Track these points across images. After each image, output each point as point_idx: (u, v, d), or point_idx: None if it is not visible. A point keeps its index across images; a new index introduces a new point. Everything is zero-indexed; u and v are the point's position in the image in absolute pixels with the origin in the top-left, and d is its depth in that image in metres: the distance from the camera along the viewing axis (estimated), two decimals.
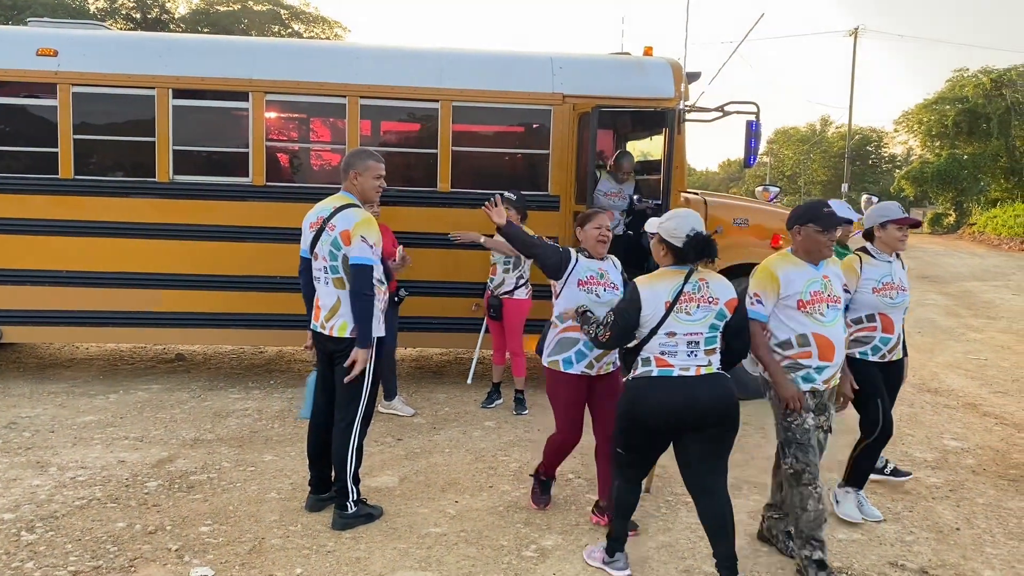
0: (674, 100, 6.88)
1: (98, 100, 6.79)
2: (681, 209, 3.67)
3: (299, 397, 6.68)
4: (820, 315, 3.64)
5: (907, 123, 43.69)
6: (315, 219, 4.19)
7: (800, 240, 3.71)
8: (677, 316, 3.44)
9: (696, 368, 3.45)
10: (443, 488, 4.80)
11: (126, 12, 36.75)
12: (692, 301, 3.45)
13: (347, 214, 4.10)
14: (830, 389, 3.77)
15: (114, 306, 6.86)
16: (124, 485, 4.69)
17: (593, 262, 4.17)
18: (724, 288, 3.53)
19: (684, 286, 3.46)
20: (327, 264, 4.12)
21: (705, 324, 3.46)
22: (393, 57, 7.13)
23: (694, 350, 3.45)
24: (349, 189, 4.23)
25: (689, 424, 3.44)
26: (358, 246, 4.05)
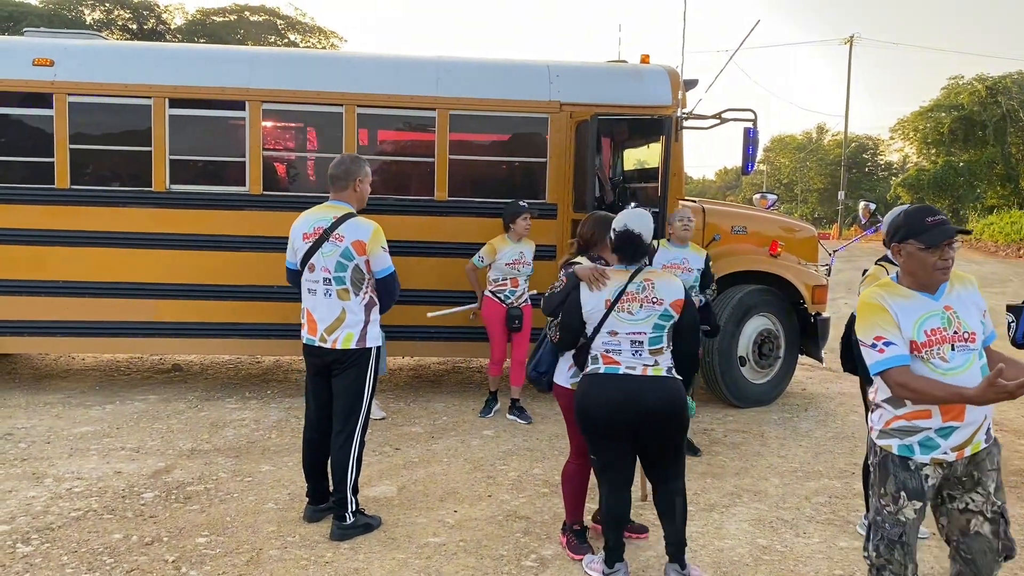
0: (671, 107, 6.87)
1: (94, 110, 6.77)
2: (630, 209, 3.65)
3: (296, 407, 6.65)
4: (941, 359, 2.73)
5: (903, 130, 43.84)
6: (310, 230, 4.11)
7: (903, 262, 2.83)
8: (619, 315, 3.49)
9: (643, 368, 3.47)
10: (442, 497, 4.77)
11: (122, 23, 36.81)
12: (635, 301, 3.48)
13: (357, 224, 4.06)
14: (964, 460, 2.80)
15: (110, 316, 6.83)
16: (120, 496, 4.65)
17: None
18: (671, 289, 3.53)
19: (628, 285, 3.51)
20: (331, 276, 4.06)
21: (648, 324, 3.47)
22: (390, 66, 7.13)
23: (638, 349, 3.47)
24: (347, 198, 4.17)
25: (634, 422, 3.47)
26: (380, 256, 4.07)
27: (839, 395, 7.68)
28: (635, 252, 3.56)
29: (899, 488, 2.79)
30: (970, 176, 38.21)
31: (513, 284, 6.31)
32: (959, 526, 2.86)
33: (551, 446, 5.82)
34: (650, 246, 3.60)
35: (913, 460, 2.78)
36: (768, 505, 4.79)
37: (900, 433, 2.80)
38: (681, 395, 3.51)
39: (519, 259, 6.28)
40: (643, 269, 3.57)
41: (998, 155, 36.67)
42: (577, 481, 4.09)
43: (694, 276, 5.63)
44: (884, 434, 2.85)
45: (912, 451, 2.79)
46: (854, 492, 5.05)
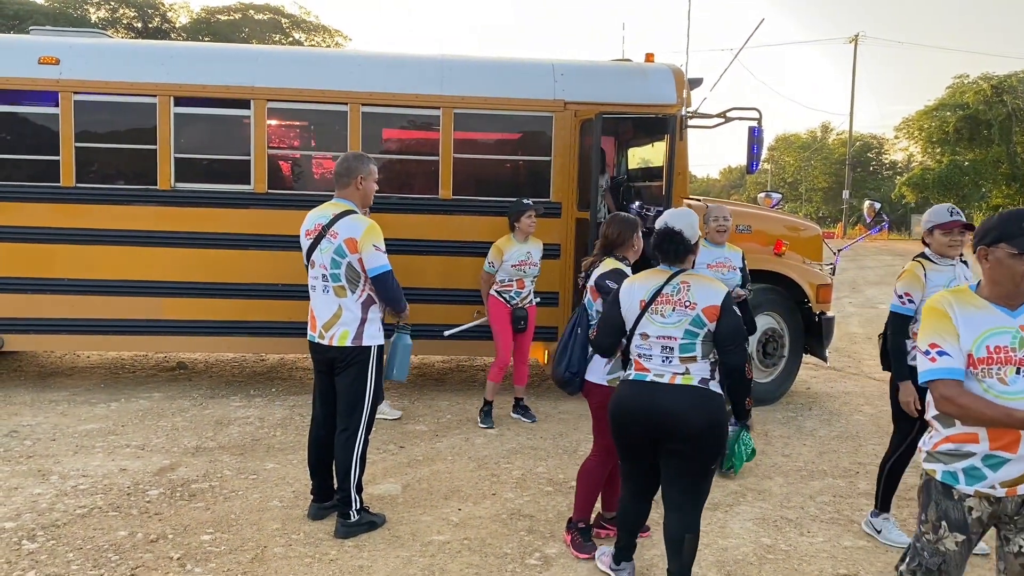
0: (676, 106, 6.87)
1: (100, 108, 6.79)
2: (676, 208, 3.59)
3: (300, 405, 6.66)
4: (1000, 381, 2.46)
5: (908, 129, 43.80)
6: (312, 227, 4.14)
7: (988, 269, 2.54)
8: (651, 317, 3.32)
9: (671, 376, 3.27)
10: (446, 496, 4.78)
11: (127, 21, 36.89)
12: (668, 303, 3.30)
13: (351, 222, 4.06)
14: (1018, 498, 2.53)
15: (116, 314, 6.84)
16: (126, 493, 4.67)
17: None
18: (707, 294, 3.28)
19: (664, 287, 3.33)
20: (327, 272, 4.08)
21: (680, 328, 3.26)
22: (394, 64, 7.13)
23: (668, 356, 3.27)
24: (350, 196, 4.18)
25: (652, 433, 3.29)
26: (372, 255, 4.02)
27: (843, 394, 7.67)
28: (676, 251, 3.38)
29: (940, 517, 2.57)
30: (975, 175, 38.16)
31: (519, 285, 6.26)
32: (1014, 573, 2.57)
33: (555, 445, 5.82)
34: (694, 246, 3.45)
35: (956, 489, 2.53)
36: (772, 504, 4.79)
37: (946, 457, 2.56)
38: (714, 411, 3.24)
39: (526, 260, 6.22)
40: (684, 271, 3.38)
41: (1003, 154, 36.61)
42: (593, 479, 4.03)
43: (738, 275, 5.56)
44: (931, 457, 2.62)
45: (956, 479, 2.53)
46: (858, 491, 5.05)
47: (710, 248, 5.53)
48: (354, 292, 4.09)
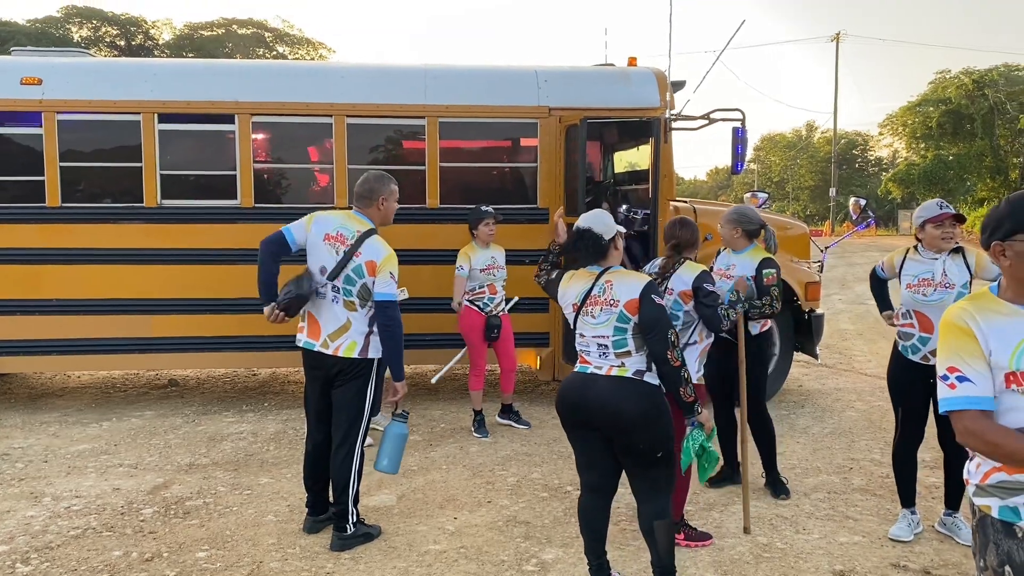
0: (660, 109, 6.90)
1: (84, 127, 6.78)
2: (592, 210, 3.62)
3: (293, 419, 6.64)
4: None
5: (892, 126, 44.10)
6: (335, 233, 4.11)
7: (1009, 267, 2.18)
8: (584, 319, 3.42)
9: (608, 368, 3.35)
10: (441, 505, 4.77)
11: (110, 40, 36.83)
12: (596, 304, 3.39)
13: (375, 245, 4.08)
14: None
15: (105, 333, 6.81)
16: (119, 513, 4.64)
17: None
18: (627, 289, 3.35)
19: (592, 288, 3.42)
20: (340, 285, 4.07)
21: (609, 327, 3.34)
22: (378, 75, 7.14)
23: (604, 352, 3.36)
24: (371, 214, 4.21)
25: (593, 422, 3.37)
26: (385, 281, 4.04)
27: (835, 391, 7.70)
28: (591, 251, 3.46)
29: (1002, 561, 2.16)
30: (960, 169, 38.43)
31: (491, 291, 6.22)
32: None
33: (550, 450, 5.82)
34: (608, 243, 3.47)
35: (1019, 526, 2.13)
36: (767, 502, 4.81)
37: (1001, 491, 2.15)
38: (646, 401, 3.30)
39: (492, 263, 6.20)
40: (608, 270, 3.46)
41: (987, 147, 36.89)
42: (682, 478, 4.08)
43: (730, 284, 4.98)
44: (981, 491, 2.20)
45: (1017, 515, 2.13)
46: (852, 487, 5.07)
47: (726, 255, 5.05)
48: (363, 307, 4.10)
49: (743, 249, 4.90)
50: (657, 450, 3.34)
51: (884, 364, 8.83)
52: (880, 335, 10.86)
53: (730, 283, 4.80)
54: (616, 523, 4.30)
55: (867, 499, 4.86)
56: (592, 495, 3.57)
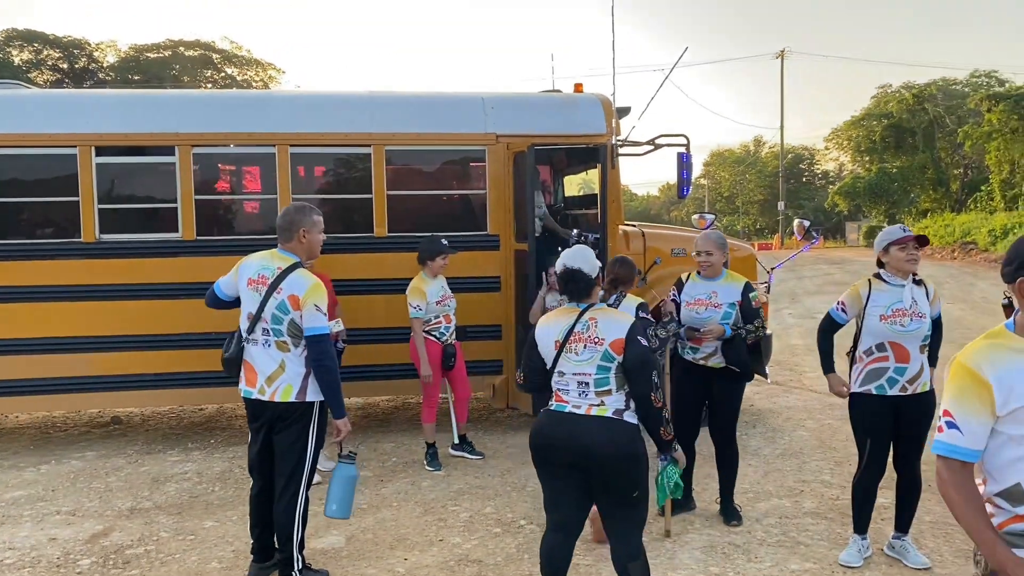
0: (606, 136, 6.92)
1: (17, 161, 6.58)
2: (572, 248, 3.60)
3: (240, 457, 6.47)
4: None
5: (837, 140, 45.15)
6: (256, 276, 4.00)
7: None
8: (567, 356, 3.37)
9: (587, 407, 3.31)
10: (391, 545, 4.67)
11: (52, 63, 36.07)
12: (580, 341, 3.35)
13: (297, 279, 3.94)
14: None
15: (44, 372, 6.58)
16: (55, 565, 4.46)
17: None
18: (613, 327, 3.33)
19: (575, 325, 3.39)
20: (268, 327, 3.95)
21: (592, 365, 3.31)
22: (322, 104, 7.07)
23: (584, 390, 3.33)
24: (294, 249, 4.05)
25: (570, 461, 3.33)
26: (312, 315, 3.91)
27: (786, 409, 7.76)
28: (579, 289, 3.45)
29: None
30: (903, 181, 39.41)
31: (447, 320, 6.12)
32: None
33: (503, 482, 5.76)
34: (594, 281, 3.47)
35: None
36: (720, 530, 4.80)
37: (1020, 539, 2.06)
38: (625, 441, 3.27)
39: (444, 293, 6.09)
40: (592, 307, 3.44)
41: (928, 160, 37.91)
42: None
43: (723, 312, 4.76)
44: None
45: None
46: (804, 511, 5.09)
47: (698, 282, 4.91)
48: (296, 347, 3.97)
49: (720, 275, 4.88)
50: (633, 490, 3.32)
51: None
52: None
53: (717, 312, 4.75)
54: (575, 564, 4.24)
55: (818, 523, 4.89)
56: (557, 534, 3.51)
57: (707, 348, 4.83)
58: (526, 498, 5.41)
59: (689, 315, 4.87)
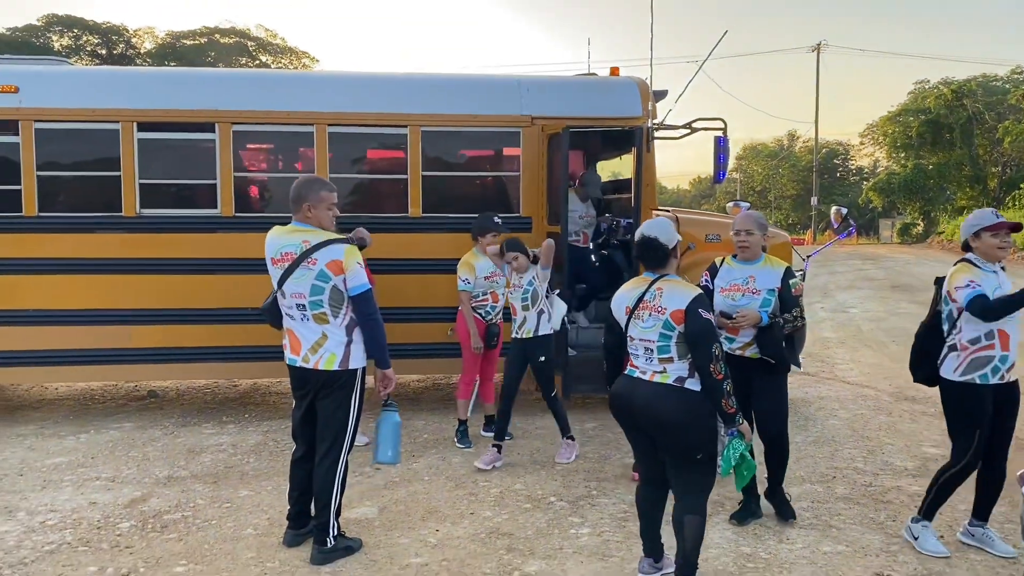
0: (642, 118, 6.90)
1: (62, 136, 6.70)
2: (654, 218, 3.75)
3: (274, 431, 6.58)
4: None
5: (872, 135, 44.50)
6: (278, 255, 4.03)
7: None
8: (635, 322, 3.59)
9: (652, 373, 3.53)
10: (423, 517, 4.72)
11: (91, 48, 36.56)
12: (646, 308, 3.55)
13: (333, 247, 3.98)
14: None
15: (83, 344, 6.72)
16: (96, 527, 4.57)
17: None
18: (675, 298, 3.49)
19: (645, 293, 3.58)
20: (306, 300, 3.98)
21: (655, 332, 3.50)
22: (360, 84, 7.12)
23: (650, 356, 3.53)
24: (306, 222, 4.07)
25: (631, 423, 3.62)
26: (356, 273, 3.97)
27: (818, 399, 7.71)
28: (651, 257, 3.62)
29: None
30: (939, 178, 38.75)
31: (494, 299, 6.17)
32: None
33: (532, 460, 5.79)
34: (669, 251, 3.60)
35: None
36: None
37: None
38: (682, 407, 3.45)
39: (495, 271, 6.17)
40: (663, 277, 3.60)
41: (966, 157, 37.22)
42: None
43: (761, 298, 4.39)
44: None
45: None
46: (836, 496, 5.06)
47: (735, 266, 4.57)
48: (336, 317, 4.01)
49: (759, 258, 4.53)
50: (695, 453, 3.50)
51: (867, 372, 8.90)
52: (861, 343, 10.90)
53: (756, 298, 4.38)
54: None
55: (850, 508, 4.86)
56: (647, 486, 3.79)
57: (744, 337, 4.43)
58: (556, 476, 5.44)
59: (724, 302, 4.48)
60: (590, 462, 5.74)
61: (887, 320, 12.85)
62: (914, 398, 7.63)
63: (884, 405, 7.43)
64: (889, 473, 5.50)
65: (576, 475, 5.46)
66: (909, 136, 39.17)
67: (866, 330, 11.98)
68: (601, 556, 4.16)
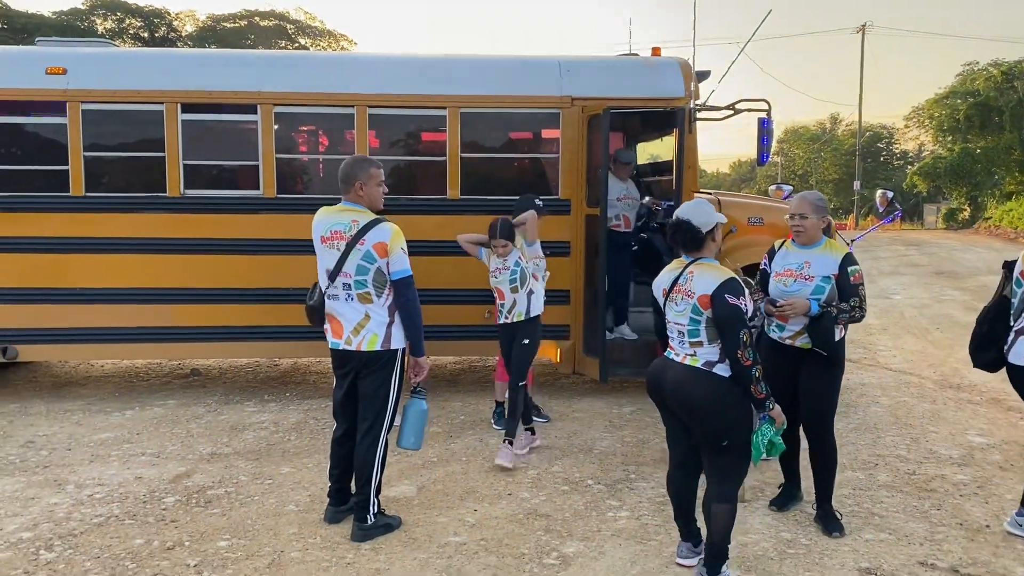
0: (684, 99, 6.81)
1: (108, 117, 6.80)
2: (695, 200, 3.72)
3: (315, 409, 6.65)
4: None
5: (918, 118, 43.45)
6: (327, 233, 4.08)
7: None
8: (669, 305, 3.61)
9: (684, 356, 3.54)
10: (461, 496, 4.75)
11: (134, 31, 37.05)
12: (679, 292, 3.55)
13: (381, 228, 4.02)
14: None
15: (128, 322, 6.85)
16: (142, 501, 4.67)
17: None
18: (705, 283, 3.47)
19: (679, 277, 3.58)
20: (351, 280, 4.03)
21: (685, 316, 3.51)
22: (400, 65, 7.11)
23: (682, 339, 3.55)
24: (356, 201, 4.12)
25: (663, 404, 3.64)
26: (399, 258, 4.02)
27: (860, 386, 7.60)
28: (684, 241, 3.60)
29: None
30: (987, 163, 37.77)
31: (534, 279, 6.16)
32: None
33: (570, 443, 5.79)
34: (703, 235, 3.57)
35: None
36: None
37: None
38: (710, 391, 3.43)
39: (535, 253, 6.12)
40: (697, 261, 3.59)
41: (1015, 140, 36.25)
42: None
43: (814, 285, 4.13)
44: None
45: None
46: (878, 484, 4.99)
47: (792, 250, 4.32)
48: (380, 296, 4.06)
49: (818, 243, 4.25)
50: (723, 438, 3.49)
51: (910, 359, 8.76)
52: (904, 330, 10.71)
53: (808, 285, 4.14)
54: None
55: (893, 496, 4.79)
56: (677, 470, 3.78)
57: (795, 325, 4.19)
58: (593, 459, 5.43)
59: (776, 287, 4.26)
60: (628, 446, 5.73)
61: (931, 307, 12.60)
62: (959, 386, 7.49)
63: (928, 393, 7.30)
64: (933, 462, 5.41)
65: (614, 458, 5.46)
66: (956, 119, 38.22)
67: (909, 317, 11.76)
68: (639, 539, 4.16)
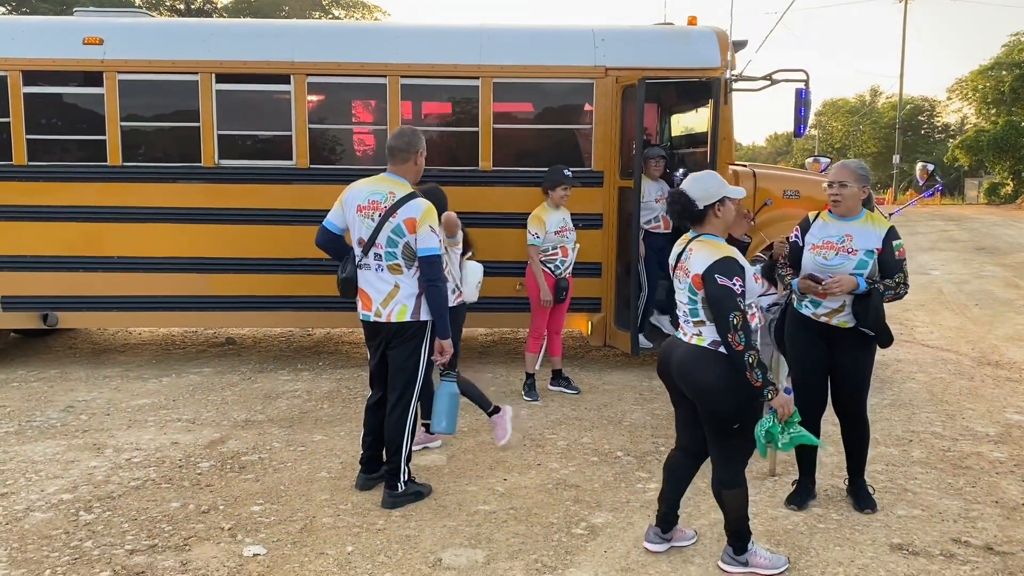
0: (720, 69, 6.70)
1: (143, 87, 6.85)
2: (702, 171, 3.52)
3: (347, 379, 6.72)
4: None
5: (961, 91, 42.38)
6: (365, 202, 4.08)
7: None
8: (675, 282, 3.52)
9: (690, 336, 3.41)
10: (491, 466, 4.78)
11: (170, 3, 37.24)
12: (680, 269, 3.45)
13: (414, 204, 4.03)
14: None
15: (164, 291, 6.95)
16: (178, 466, 4.76)
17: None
18: (698, 261, 3.31)
19: (682, 253, 3.46)
20: (382, 251, 4.05)
21: (684, 295, 3.40)
22: (433, 35, 7.07)
23: (687, 318, 3.43)
24: (405, 172, 4.14)
25: (671, 384, 3.52)
26: (427, 236, 4.01)
27: (895, 362, 7.49)
28: (680, 215, 3.45)
29: None
30: None
31: (563, 253, 6.10)
32: None
33: (600, 415, 5.79)
34: (699, 209, 3.37)
35: None
36: (823, 473, 4.68)
37: None
38: (714, 371, 3.28)
39: (564, 225, 6.09)
40: (698, 237, 3.41)
41: None
42: None
43: (858, 260, 3.92)
44: None
45: None
46: (912, 460, 4.94)
47: (830, 222, 4.08)
48: (409, 268, 4.08)
49: (858, 215, 4.03)
50: (733, 421, 3.35)
51: (947, 336, 8.63)
52: (942, 306, 10.54)
53: (851, 259, 3.92)
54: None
55: (927, 472, 4.73)
56: (678, 452, 3.69)
57: (832, 302, 3.98)
58: (623, 431, 5.43)
59: (814, 260, 4.01)
60: (658, 419, 5.71)
61: (970, 283, 12.37)
62: (998, 363, 7.36)
63: (965, 369, 7.19)
64: (969, 439, 5.33)
65: (643, 431, 5.45)
66: (1001, 91, 37.24)
67: (948, 293, 11.57)
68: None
